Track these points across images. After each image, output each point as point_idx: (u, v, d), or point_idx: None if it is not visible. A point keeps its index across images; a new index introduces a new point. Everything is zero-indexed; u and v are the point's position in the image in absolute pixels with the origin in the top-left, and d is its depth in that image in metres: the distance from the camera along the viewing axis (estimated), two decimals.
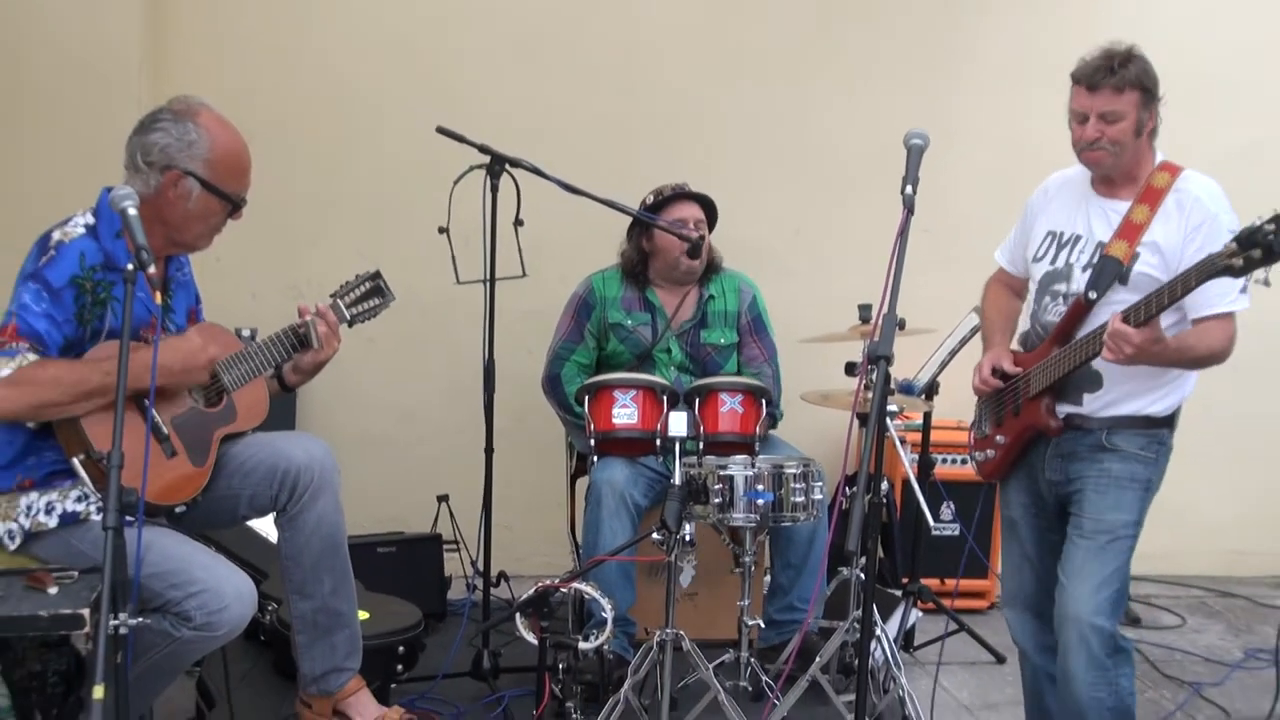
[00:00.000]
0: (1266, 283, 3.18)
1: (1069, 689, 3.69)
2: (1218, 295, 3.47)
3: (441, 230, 4.71)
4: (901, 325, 3.17)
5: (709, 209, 5.33)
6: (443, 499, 5.71)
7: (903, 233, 3.10)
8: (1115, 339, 3.38)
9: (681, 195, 5.26)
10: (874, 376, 3.05)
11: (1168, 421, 3.71)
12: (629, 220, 5.20)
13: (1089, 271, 3.66)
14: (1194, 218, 3.56)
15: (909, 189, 3.16)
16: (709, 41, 6.36)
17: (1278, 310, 4.13)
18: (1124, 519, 3.66)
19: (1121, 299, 3.54)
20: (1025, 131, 6.11)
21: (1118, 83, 3.54)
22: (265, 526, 4.70)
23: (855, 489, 4.53)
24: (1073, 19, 6.30)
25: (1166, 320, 3.48)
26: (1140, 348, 3.37)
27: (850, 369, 4.95)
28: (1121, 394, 3.66)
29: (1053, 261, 3.79)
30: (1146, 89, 3.58)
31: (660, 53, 6.31)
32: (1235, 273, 3.18)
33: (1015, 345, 3.96)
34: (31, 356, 3.16)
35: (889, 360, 3.05)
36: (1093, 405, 3.69)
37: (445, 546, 5.61)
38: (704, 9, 6.37)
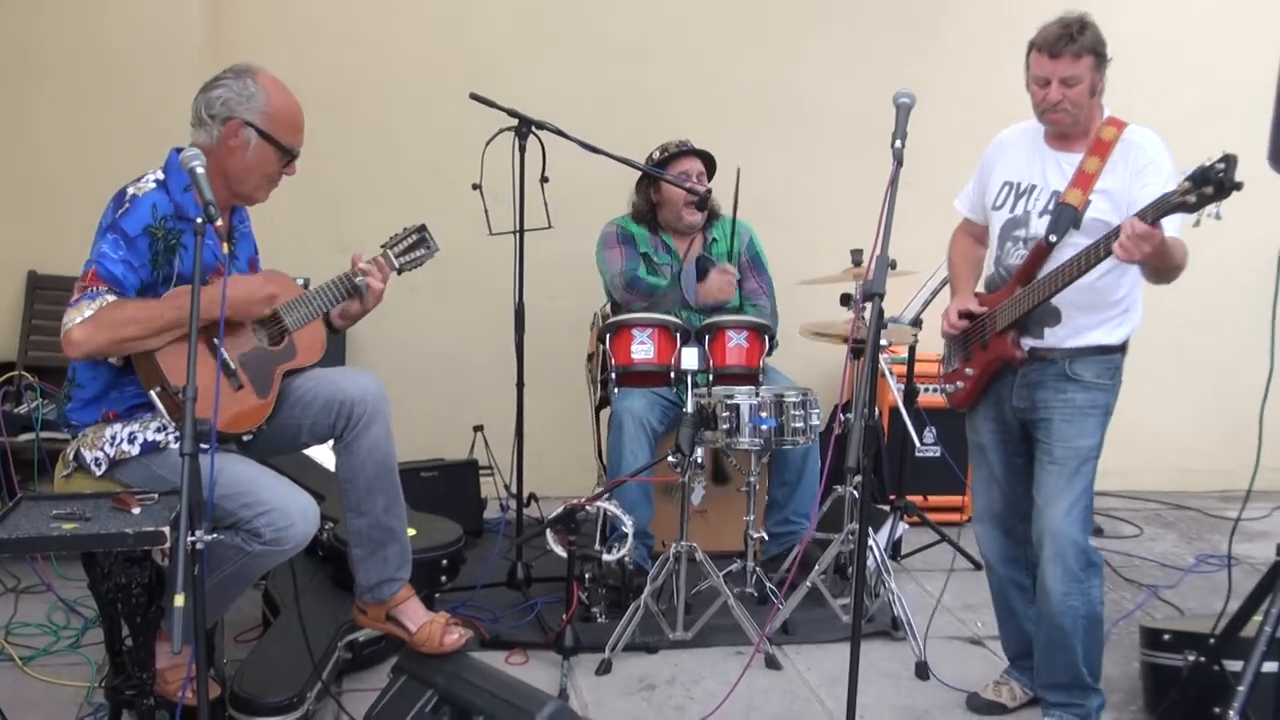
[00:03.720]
0: (1218, 216, 3.16)
1: (1046, 599, 3.73)
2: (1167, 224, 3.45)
3: (475, 187, 4.72)
4: (893, 266, 3.14)
5: (708, 163, 5.30)
6: (478, 429, 5.73)
7: (893, 182, 3.09)
8: (1139, 238, 3.24)
9: (685, 151, 5.23)
10: (868, 312, 3.05)
11: (1121, 348, 3.73)
12: (639, 175, 5.16)
13: (1046, 217, 3.65)
14: (1136, 163, 3.56)
15: (898, 143, 3.13)
16: (712, 15, 6.31)
17: (1227, 243, 4.13)
18: (1089, 444, 3.69)
19: (1076, 242, 3.55)
20: (993, 94, 6.04)
21: (1077, 49, 3.52)
22: (320, 455, 4.70)
23: (850, 415, 4.58)
24: None
25: (1106, 264, 3.47)
26: (1155, 247, 3.27)
27: (845, 300, 4.94)
28: (1079, 326, 3.67)
29: (1011, 209, 3.77)
30: (1099, 54, 3.57)
31: (668, 25, 6.27)
32: (1189, 208, 3.18)
33: (980, 288, 3.95)
34: (110, 298, 3.14)
35: (882, 296, 3.03)
36: (1053, 338, 3.69)
37: (481, 471, 5.63)
38: None
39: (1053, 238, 3.60)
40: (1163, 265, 3.52)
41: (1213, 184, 3.09)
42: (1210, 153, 3.13)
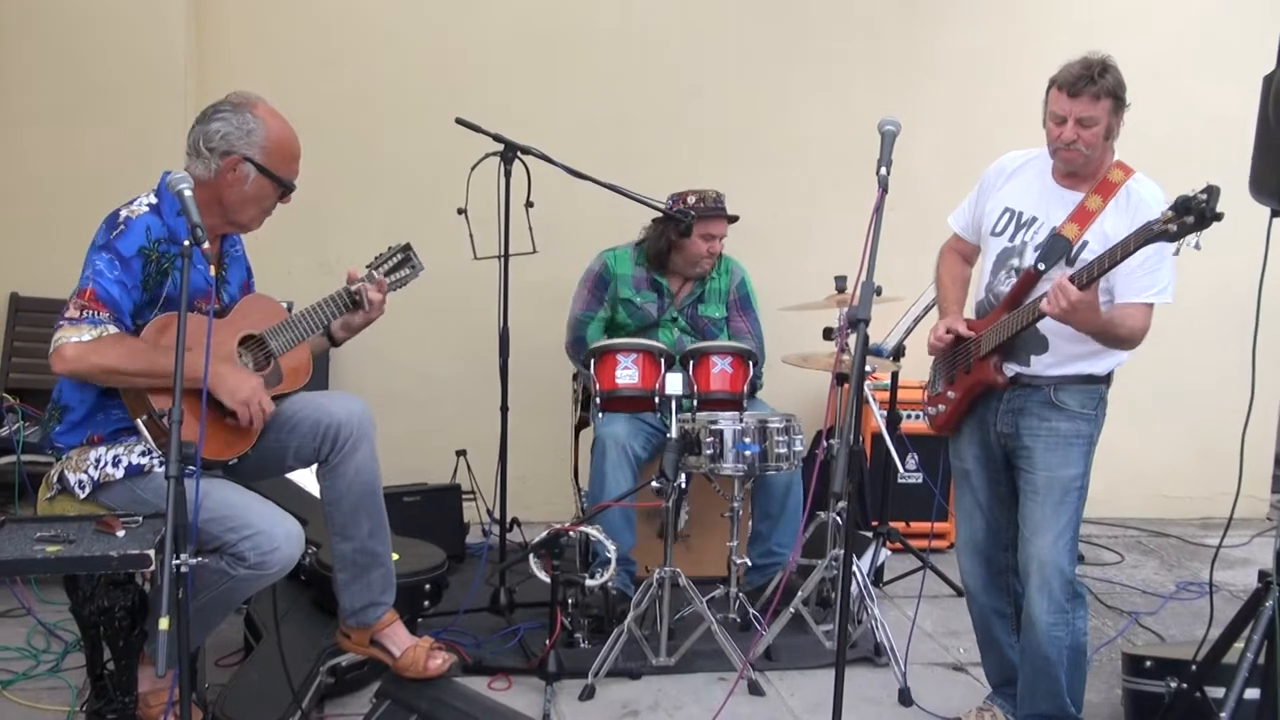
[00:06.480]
0: (1198, 246, 3.20)
1: (1032, 629, 3.75)
2: (1145, 286, 3.53)
3: (460, 211, 4.73)
4: (879, 292, 3.17)
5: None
6: (461, 453, 5.72)
7: (878, 209, 3.09)
8: (1057, 291, 3.41)
9: (720, 214, 5.25)
10: (853, 337, 3.06)
11: (1106, 379, 3.76)
12: (626, 200, 5.15)
13: (1040, 249, 3.68)
14: (1137, 217, 3.55)
15: (883, 170, 3.14)
16: (701, 41, 6.36)
17: (1207, 272, 4.17)
18: (1073, 473, 3.71)
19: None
20: (977, 122, 6.13)
21: (1096, 91, 3.54)
22: (302, 478, 4.69)
23: (832, 441, 4.60)
24: (1018, 27, 6.35)
25: (1102, 300, 3.51)
26: (1075, 305, 3.40)
27: (828, 334, 4.96)
28: (1066, 356, 3.69)
29: (1010, 239, 3.79)
30: (1118, 97, 3.59)
31: (657, 51, 6.30)
32: (1170, 237, 3.22)
33: (970, 314, 3.97)
34: (113, 329, 3.15)
35: (867, 322, 3.05)
36: (1039, 365, 3.72)
37: (464, 496, 5.62)
38: (698, 11, 6.37)
39: (1042, 266, 3.63)
40: (1097, 332, 3.58)
41: (1194, 213, 3.13)
42: (1187, 181, 3.18)
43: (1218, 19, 6.70)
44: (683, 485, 4.44)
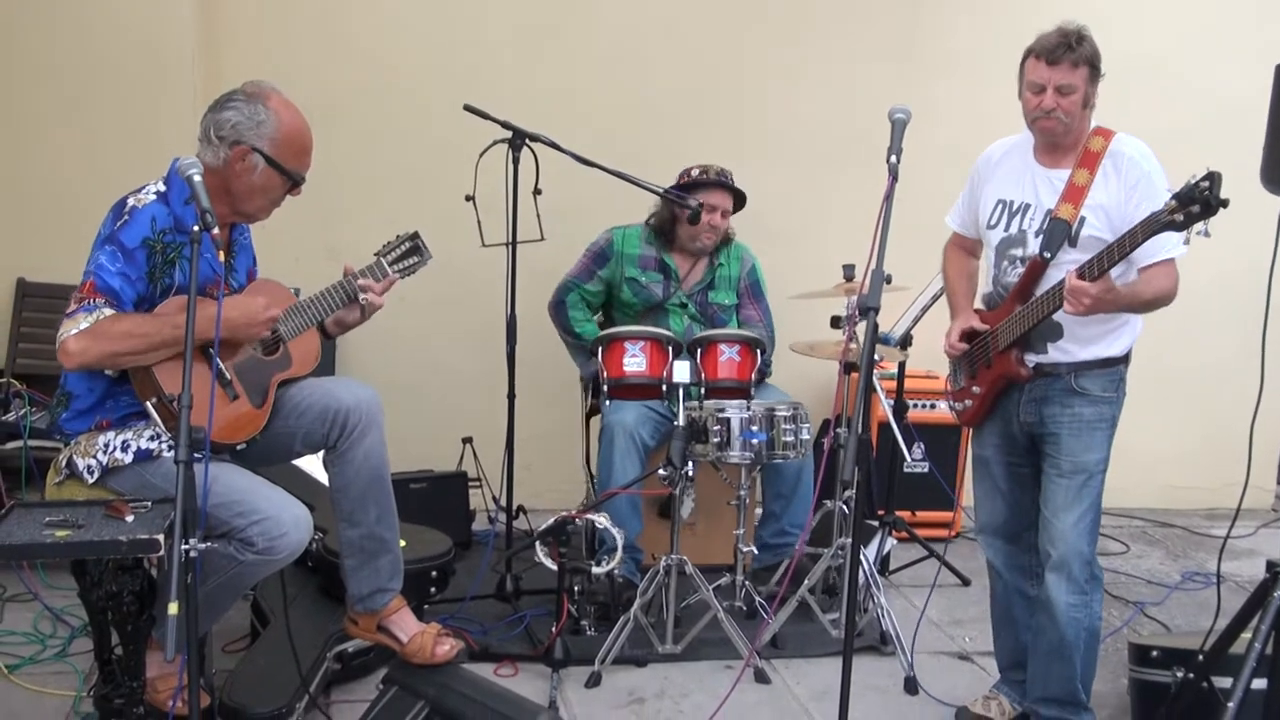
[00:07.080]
0: (1207, 234, 3.20)
1: (1050, 609, 3.75)
2: (1158, 245, 3.49)
3: (468, 199, 4.73)
4: (888, 280, 3.16)
5: (739, 200, 5.37)
6: (467, 441, 5.72)
7: (888, 197, 3.10)
8: (1074, 294, 3.42)
9: (719, 184, 5.27)
10: (863, 326, 3.06)
11: (1124, 359, 3.76)
12: (634, 188, 5.14)
13: (1041, 236, 3.67)
14: (1130, 177, 3.59)
15: (894, 158, 3.15)
16: (711, 31, 6.34)
17: (1215, 261, 4.14)
18: (1096, 458, 3.71)
19: (1072, 258, 3.57)
20: (983, 112, 6.09)
21: (1074, 59, 3.55)
22: (308, 465, 4.70)
23: (840, 430, 4.60)
24: (1027, 16, 6.29)
25: (1114, 272, 3.49)
26: (1096, 298, 3.41)
27: (835, 322, 4.95)
28: (1082, 340, 3.69)
29: (1006, 229, 3.79)
30: (1094, 66, 3.60)
31: (666, 39, 6.28)
32: (1177, 227, 3.21)
33: (979, 304, 3.97)
34: (108, 311, 3.13)
35: (877, 311, 3.04)
36: (1057, 354, 3.71)
37: (470, 483, 5.62)
38: (707, 1, 6.36)
39: (1047, 254, 3.63)
40: (1124, 308, 3.59)
41: (1199, 202, 3.13)
42: (1195, 170, 3.17)
43: (1228, 8, 6.67)
44: (689, 473, 4.44)
